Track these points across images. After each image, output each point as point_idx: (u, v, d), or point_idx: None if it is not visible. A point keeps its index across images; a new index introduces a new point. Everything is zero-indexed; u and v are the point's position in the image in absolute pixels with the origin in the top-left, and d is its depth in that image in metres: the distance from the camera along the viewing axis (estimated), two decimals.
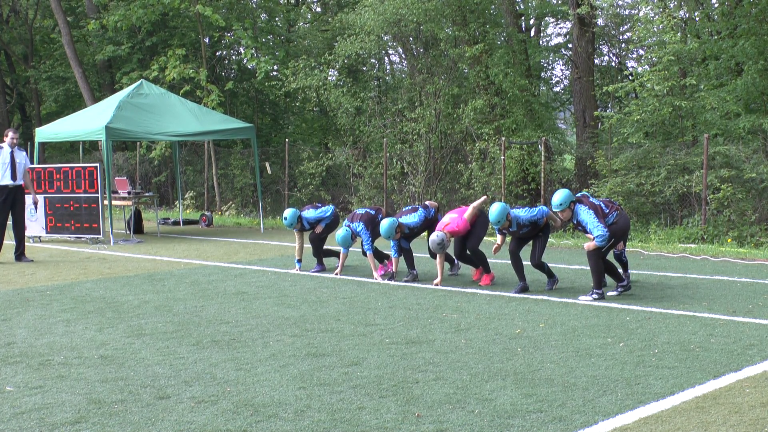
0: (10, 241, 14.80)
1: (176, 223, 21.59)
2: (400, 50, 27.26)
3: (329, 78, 25.47)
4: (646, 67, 20.57)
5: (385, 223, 11.37)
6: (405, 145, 22.28)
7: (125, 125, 17.54)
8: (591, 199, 10.10)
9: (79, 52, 30.30)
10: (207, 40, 29.32)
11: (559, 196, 9.92)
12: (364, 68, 29.31)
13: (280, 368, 6.91)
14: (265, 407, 5.89)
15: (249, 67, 30.27)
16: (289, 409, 5.86)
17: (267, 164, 23.94)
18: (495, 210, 10.33)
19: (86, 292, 11.00)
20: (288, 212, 12.51)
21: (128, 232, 18.43)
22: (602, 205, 10.10)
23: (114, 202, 18.12)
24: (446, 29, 22.09)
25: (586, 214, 9.80)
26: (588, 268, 10.31)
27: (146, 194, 20.12)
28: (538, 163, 19.16)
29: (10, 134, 14.32)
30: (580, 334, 8.06)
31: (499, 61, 21.30)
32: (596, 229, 9.69)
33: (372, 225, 11.89)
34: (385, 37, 24.53)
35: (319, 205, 12.90)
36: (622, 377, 6.49)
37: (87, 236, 16.82)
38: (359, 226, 11.84)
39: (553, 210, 10.09)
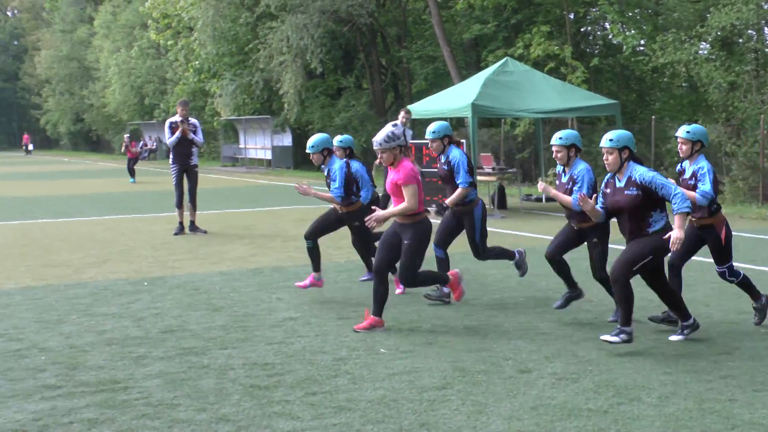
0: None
1: (539, 200, 21.72)
2: None
3: (700, 52, 24.22)
4: None
5: None
6: None
7: (490, 102, 17.92)
8: None
9: (447, 31, 31.35)
10: (572, 16, 29.06)
11: None
12: (740, 40, 27.50)
13: (644, 350, 6.71)
14: (627, 390, 5.75)
15: (614, 42, 29.60)
16: (653, 393, 5.67)
17: None
18: None
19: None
20: None
21: (492, 207, 18.84)
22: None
23: (479, 178, 18.57)
24: None
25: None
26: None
27: (510, 170, 20.41)
28: None
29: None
30: None
31: None
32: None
33: None
34: (765, 6, 22.82)
35: None
36: None
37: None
38: None
39: None
